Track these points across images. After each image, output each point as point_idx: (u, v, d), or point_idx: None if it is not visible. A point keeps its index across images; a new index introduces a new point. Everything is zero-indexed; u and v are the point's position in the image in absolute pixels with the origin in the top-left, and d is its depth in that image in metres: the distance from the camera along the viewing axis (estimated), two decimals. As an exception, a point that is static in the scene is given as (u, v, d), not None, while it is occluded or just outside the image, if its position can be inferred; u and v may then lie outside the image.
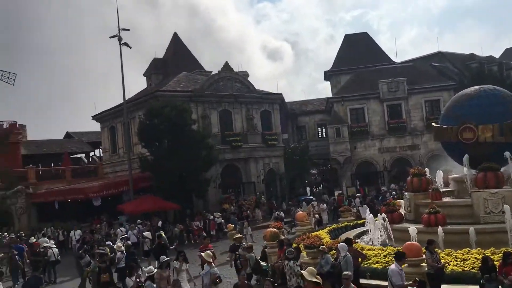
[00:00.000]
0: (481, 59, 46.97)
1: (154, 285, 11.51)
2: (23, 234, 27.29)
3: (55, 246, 20.91)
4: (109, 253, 17.06)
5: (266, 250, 16.93)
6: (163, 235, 19.82)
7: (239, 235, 16.54)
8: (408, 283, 9.71)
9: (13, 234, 28.38)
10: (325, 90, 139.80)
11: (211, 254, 12.97)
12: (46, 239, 24.56)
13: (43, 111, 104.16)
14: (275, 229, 17.61)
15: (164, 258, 12.95)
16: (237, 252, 14.69)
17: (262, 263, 16.21)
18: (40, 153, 43.85)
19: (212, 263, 12.57)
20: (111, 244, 18.72)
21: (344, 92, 42.39)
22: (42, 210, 37.19)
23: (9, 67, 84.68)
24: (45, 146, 45.38)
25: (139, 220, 26.51)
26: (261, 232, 25.18)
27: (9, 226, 33.78)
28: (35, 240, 23.74)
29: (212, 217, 28.44)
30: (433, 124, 18.91)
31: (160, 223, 26.26)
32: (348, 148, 40.25)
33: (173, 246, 22.05)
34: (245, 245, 15.52)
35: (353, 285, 9.29)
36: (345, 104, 41.27)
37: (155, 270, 12.24)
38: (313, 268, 9.71)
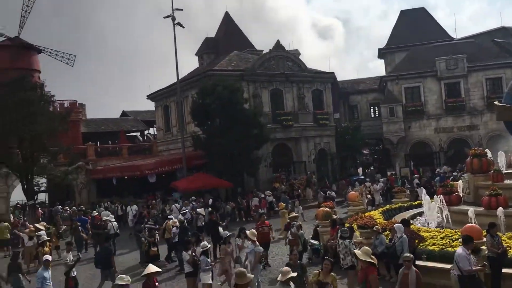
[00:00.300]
0: (547, 34, 44.04)
1: (208, 260, 11.78)
2: (83, 208, 28.70)
3: (114, 220, 21.78)
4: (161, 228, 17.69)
5: (318, 229, 16.99)
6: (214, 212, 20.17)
7: (294, 214, 16.29)
8: (477, 267, 9.40)
9: (74, 207, 29.89)
10: (376, 68, 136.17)
11: (255, 233, 12.81)
12: (108, 212, 25.83)
13: (101, 91, 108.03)
14: (327, 208, 17.58)
15: (227, 233, 13.09)
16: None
17: (314, 241, 16.31)
18: (98, 131, 45.70)
19: (256, 242, 12.44)
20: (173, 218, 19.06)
21: (399, 70, 41.11)
22: (101, 185, 38.87)
23: (69, 49, 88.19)
24: (103, 124, 47.21)
25: (193, 197, 27.17)
26: (311, 211, 25.27)
27: (70, 200, 35.64)
28: (96, 213, 24.90)
29: (263, 195, 28.70)
30: (496, 103, 18.09)
31: (210, 201, 26.70)
32: (402, 128, 39.21)
33: (224, 223, 22.44)
34: (296, 224, 15.58)
35: (414, 268, 9.01)
36: (399, 83, 40.07)
37: (209, 245, 12.54)
38: (368, 248, 9.63)
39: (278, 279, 7.93)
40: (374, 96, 46.25)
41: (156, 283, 9.38)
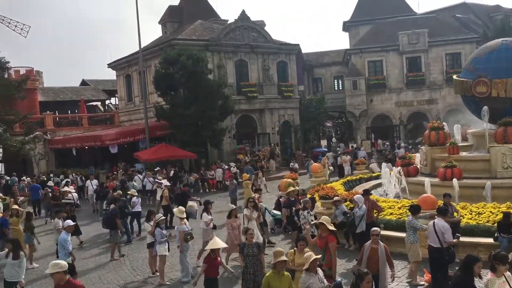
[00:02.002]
0: (506, 10, 45.19)
1: (164, 232, 11.75)
2: (44, 178, 28.06)
3: (74, 191, 21.41)
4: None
5: (280, 200, 17.22)
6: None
7: (292, 188, 15.41)
8: (453, 240, 9.37)
9: (29, 178, 29.25)
10: (341, 41, 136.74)
11: (184, 210, 12.57)
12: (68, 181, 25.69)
13: (59, 59, 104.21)
14: (290, 180, 17.81)
15: (233, 206, 12.73)
16: (294, 208, 13.51)
17: (276, 212, 16.57)
18: (57, 100, 44.26)
19: (184, 220, 12.12)
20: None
21: (362, 43, 41.46)
22: (60, 156, 37.97)
23: (25, 14, 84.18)
24: (61, 93, 45.72)
25: (157, 168, 26.93)
26: (275, 183, 25.59)
27: (28, 170, 34.68)
28: (53, 184, 24.41)
29: (227, 167, 28.77)
30: (454, 77, 18.58)
31: (172, 173, 26.51)
32: (365, 101, 39.85)
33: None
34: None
35: (382, 243, 8.79)
36: (363, 56, 40.47)
37: (163, 217, 12.52)
38: (327, 217, 9.85)
39: (304, 267, 7.36)
40: (338, 69, 46.60)
41: (219, 258, 8.92)
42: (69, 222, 11.96)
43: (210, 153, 33.30)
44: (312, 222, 11.68)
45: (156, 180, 21.66)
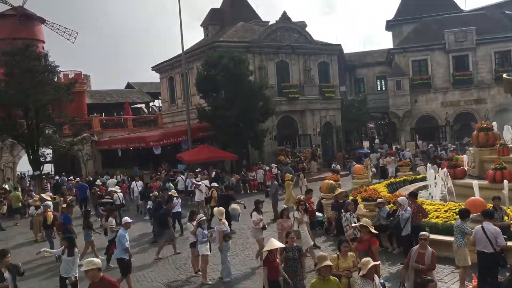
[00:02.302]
0: (560, 6, 43.11)
1: (205, 231, 11.84)
2: (91, 178, 28.99)
3: (120, 191, 21.98)
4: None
5: (322, 201, 17.08)
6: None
7: (340, 190, 15.16)
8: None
9: (78, 178, 30.29)
10: (385, 41, 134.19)
11: (223, 211, 12.57)
12: (114, 180, 26.53)
13: (106, 63, 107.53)
14: (332, 181, 17.62)
15: (284, 206, 12.57)
16: (343, 211, 12.91)
17: (318, 214, 16.41)
18: (103, 103, 45.69)
19: (223, 220, 12.11)
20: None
21: (406, 42, 40.54)
22: (106, 157, 39.11)
23: (72, 20, 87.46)
24: (108, 96, 47.17)
25: (198, 169, 27.28)
26: (316, 184, 25.37)
27: (76, 171, 35.93)
28: (101, 184, 25.16)
29: (268, 168, 28.79)
30: (504, 76, 17.85)
31: (213, 174, 26.78)
32: (409, 102, 38.94)
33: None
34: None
35: (430, 248, 8.43)
36: (407, 56, 39.58)
37: (204, 217, 12.54)
38: (368, 220, 9.67)
39: (360, 273, 7.09)
40: (380, 69, 45.76)
41: (277, 259, 8.63)
42: (127, 219, 12.14)
43: (251, 154, 33.44)
44: (353, 225, 11.50)
45: (194, 181, 21.93)
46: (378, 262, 7.41)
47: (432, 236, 11.49)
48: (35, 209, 18.58)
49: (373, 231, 9.22)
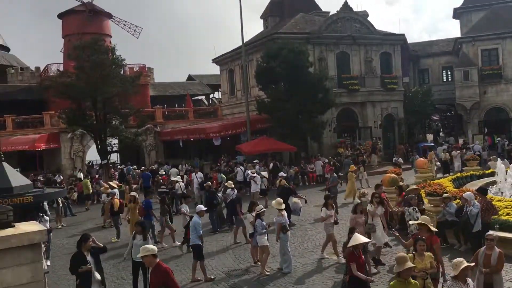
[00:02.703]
0: None
1: (264, 223, 11.90)
2: (154, 167, 30.01)
3: (182, 180, 22.57)
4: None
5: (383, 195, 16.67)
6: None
7: (414, 186, 14.75)
8: None
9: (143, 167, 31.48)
10: (451, 30, 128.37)
11: (281, 202, 12.45)
12: (176, 170, 27.35)
13: (167, 56, 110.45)
14: (393, 175, 17.19)
15: (358, 202, 12.33)
16: (406, 206, 12.50)
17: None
18: (165, 95, 46.98)
19: (282, 212, 12.06)
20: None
21: (475, 31, 38.53)
22: (168, 147, 40.27)
23: (135, 13, 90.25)
24: (170, 88, 48.47)
25: (256, 160, 27.49)
26: (377, 178, 24.82)
27: (140, 161, 37.32)
28: (164, 174, 25.95)
29: (327, 160, 28.52)
30: None
31: (271, 165, 26.87)
32: (477, 93, 37.08)
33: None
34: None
35: (497, 249, 7.99)
36: (476, 45, 37.64)
37: (264, 209, 12.59)
38: (426, 217, 9.33)
39: (451, 275, 6.80)
40: (447, 59, 43.84)
41: (362, 256, 8.44)
42: (201, 207, 12.55)
43: (309, 146, 33.22)
44: (410, 223, 11.09)
45: (249, 173, 22.08)
46: (472, 264, 6.95)
47: (503, 234, 10.98)
48: (106, 196, 19.42)
49: (433, 229, 8.87)
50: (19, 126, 36.58)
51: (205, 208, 13.10)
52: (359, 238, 8.37)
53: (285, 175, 20.61)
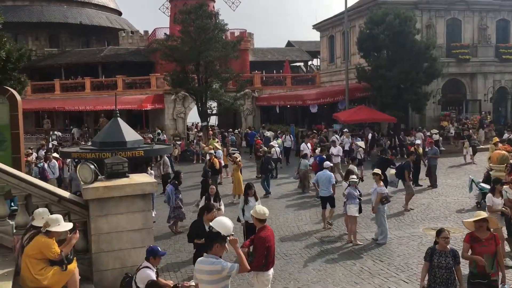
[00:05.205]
0: None
1: (356, 193, 11.78)
2: (248, 131, 30.76)
3: (277, 145, 22.88)
4: None
5: (491, 173, 15.60)
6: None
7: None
8: None
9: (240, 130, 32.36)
10: None
11: (379, 172, 12.12)
12: (272, 133, 27.89)
13: (267, 21, 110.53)
14: (504, 152, 15.93)
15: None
16: None
17: (485, 185, 15.10)
18: (264, 60, 47.28)
19: (381, 183, 11.85)
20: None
21: None
22: (265, 112, 40.82)
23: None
24: (268, 53, 48.64)
25: (345, 129, 27.02)
26: (483, 154, 23.24)
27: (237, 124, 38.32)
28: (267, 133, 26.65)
29: (429, 133, 27.18)
30: None
31: (369, 136, 26.25)
32: None
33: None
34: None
35: None
36: None
37: (357, 180, 12.45)
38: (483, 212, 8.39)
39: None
40: None
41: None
42: (328, 163, 14.48)
43: (411, 118, 31.81)
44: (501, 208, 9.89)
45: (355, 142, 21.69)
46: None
47: None
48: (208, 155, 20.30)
49: (497, 225, 7.73)
50: (128, 86, 39.16)
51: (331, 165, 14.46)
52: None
53: (419, 142, 21.13)
